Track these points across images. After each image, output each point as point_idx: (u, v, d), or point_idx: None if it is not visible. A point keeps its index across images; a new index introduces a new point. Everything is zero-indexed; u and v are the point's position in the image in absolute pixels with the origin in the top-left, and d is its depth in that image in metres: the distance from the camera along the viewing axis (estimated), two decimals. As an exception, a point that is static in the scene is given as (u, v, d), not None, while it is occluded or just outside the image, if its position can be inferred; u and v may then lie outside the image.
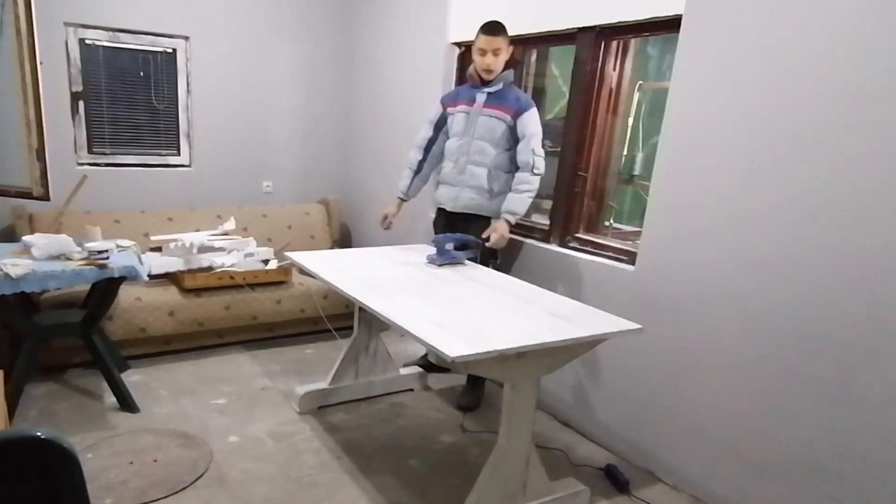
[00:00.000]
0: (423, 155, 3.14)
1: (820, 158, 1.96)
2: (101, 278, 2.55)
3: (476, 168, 2.92)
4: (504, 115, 2.84)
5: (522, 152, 2.82)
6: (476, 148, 2.91)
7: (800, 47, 1.99)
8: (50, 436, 0.90)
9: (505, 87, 2.87)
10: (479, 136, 2.90)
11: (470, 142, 2.92)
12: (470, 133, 2.92)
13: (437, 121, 3.09)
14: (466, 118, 2.93)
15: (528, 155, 2.80)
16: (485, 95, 2.89)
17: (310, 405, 2.88)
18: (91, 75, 3.70)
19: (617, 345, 2.63)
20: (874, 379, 1.87)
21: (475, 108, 2.91)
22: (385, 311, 2.00)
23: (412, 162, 3.16)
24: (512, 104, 2.83)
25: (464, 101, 2.96)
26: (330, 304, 3.74)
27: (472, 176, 2.93)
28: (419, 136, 3.15)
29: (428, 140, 3.12)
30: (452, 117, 3.01)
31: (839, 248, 1.93)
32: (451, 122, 3.02)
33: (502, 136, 2.87)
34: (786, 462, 2.11)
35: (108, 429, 2.61)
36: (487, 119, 2.87)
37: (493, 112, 2.86)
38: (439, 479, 2.43)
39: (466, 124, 2.93)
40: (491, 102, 2.87)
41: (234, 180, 4.29)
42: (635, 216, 3.13)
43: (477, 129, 2.90)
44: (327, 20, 4.39)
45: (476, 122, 2.90)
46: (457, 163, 2.98)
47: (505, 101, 2.85)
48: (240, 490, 2.27)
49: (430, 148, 3.13)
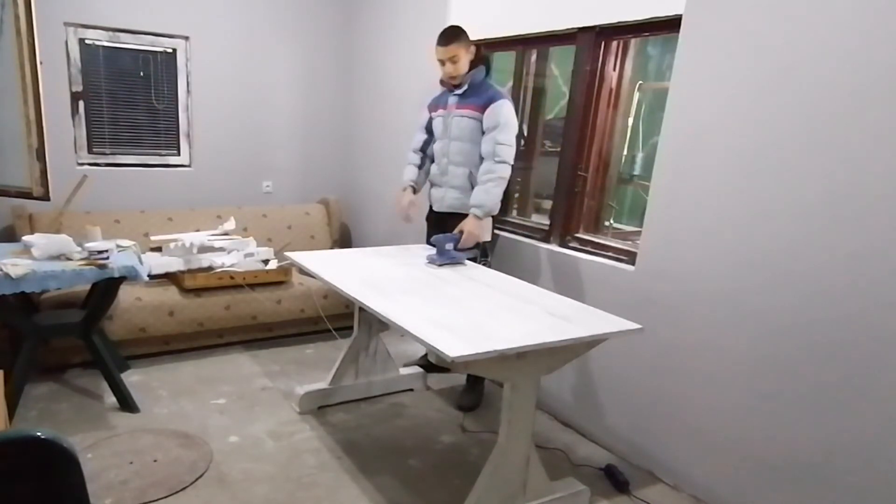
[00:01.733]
0: (420, 155, 3.22)
1: (819, 158, 1.96)
2: (101, 278, 2.56)
3: (456, 168, 2.98)
4: (475, 113, 2.89)
5: (485, 142, 2.86)
6: (454, 149, 2.97)
7: (800, 47, 1.99)
8: (50, 436, 0.90)
9: (474, 85, 2.91)
10: (456, 136, 2.96)
11: (448, 143, 3.00)
12: (447, 135, 3.00)
13: (426, 125, 3.19)
14: (443, 121, 3.02)
15: (490, 144, 2.82)
16: (456, 97, 2.96)
17: (310, 405, 2.89)
18: (91, 75, 3.70)
19: (617, 345, 2.62)
20: (874, 379, 1.87)
21: (448, 111, 2.99)
22: (385, 311, 2.00)
23: (413, 160, 3.23)
24: (481, 100, 2.88)
25: (441, 105, 3.06)
26: (330, 304, 3.74)
27: (454, 176, 3.00)
28: (414, 140, 3.25)
29: (423, 142, 3.21)
30: (434, 121, 3.12)
31: (839, 248, 1.93)
32: (433, 126, 3.13)
33: (477, 133, 2.91)
34: (786, 462, 2.11)
35: (108, 429, 2.61)
36: (460, 119, 2.93)
37: (464, 112, 2.92)
38: (439, 479, 2.43)
39: (444, 127, 3.02)
40: (462, 102, 2.93)
41: (234, 180, 4.29)
42: (635, 216, 3.13)
43: (452, 130, 2.97)
44: (327, 20, 4.39)
45: (451, 123, 2.97)
46: (440, 164, 3.07)
47: (476, 99, 2.90)
48: (240, 490, 2.27)
49: (426, 149, 3.21)
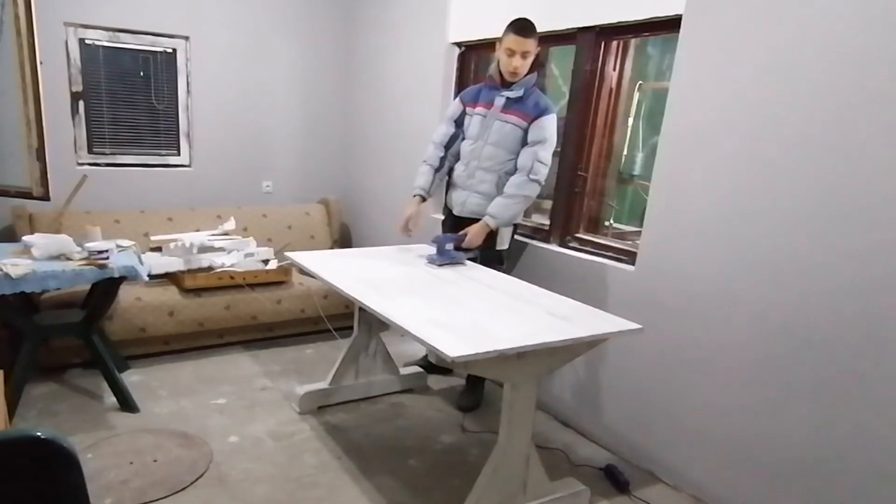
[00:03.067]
0: (443, 152, 2.98)
1: (820, 158, 1.96)
2: (101, 278, 2.56)
3: (485, 174, 2.83)
4: (521, 122, 2.73)
5: (524, 155, 2.72)
6: (487, 153, 2.81)
7: (799, 47, 1.99)
8: (50, 436, 0.90)
9: (526, 91, 2.73)
10: (493, 141, 2.78)
11: (483, 146, 2.82)
12: (483, 137, 2.81)
13: (457, 118, 2.95)
14: (482, 121, 2.82)
15: (530, 159, 2.68)
16: (503, 99, 2.76)
17: (310, 405, 2.88)
18: (91, 75, 3.70)
19: (617, 345, 2.63)
20: (874, 379, 1.87)
21: (492, 112, 2.79)
22: (385, 311, 2.00)
23: (432, 158, 2.99)
24: (531, 110, 2.71)
25: (483, 102, 2.84)
26: (330, 304, 3.74)
27: (481, 181, 2.84)
28: (439, 133, 3.00)
29: (450, 137, 2.97)
30: (470, 118, 2.90)
31: (839, 248, 1.93)
32: (468, 124, 2.91)
33: (516, 142, 2.76)
34: (786, 462, 2.11)
35: (108, 429, 2.61)
36: (503, 124, 2.76)
37: (510, 117, 2.74)
38: (439, 479, 2.43)
39: (482, 128, 2.82)
40: (509, 107, 2.75)
41: (234, 180, 4.29)
42: (635, 216, 3.13)
43: (491, 133, 2.79)
44: (327, 20, 4.39)
45: (491, 126, 2.79)
46: (468, 166, 2.89)
47: (524, 106, 2.72)
48: (240, 490, 2.27)
49: (451, 145, 2.98)
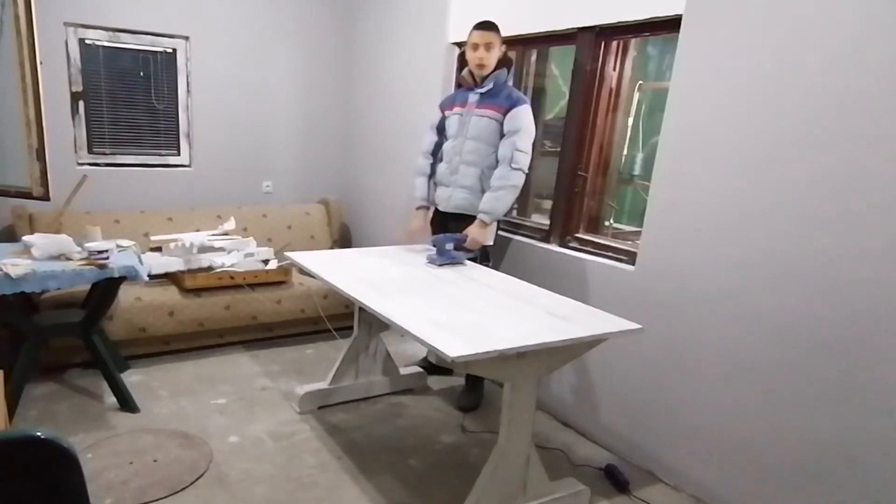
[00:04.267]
0: (432, 159, 3.14)
1: (820, 158, 1.96)
2: (101, 278, 2.55)
3: (468, 168, 2.92)
4: (495, 114, 2.83)
5: (503, 146, 2.81)
6: (468, 148, 2.91)
7: (799, 47, 1.99)
8: (50, 436, 0.90)
9: (497, 86, 2.86)
10: (472, 135, 2.90)
11: (463, 142, 2.93)
12: (463, 133, 2.93)
13: (438, 125, 3.11)
14: (460, 119, 2.95)
15: (509, 149, 2.77)
16: (477, 96, 2.90)
17: (310, 405, 2.88)
18: (91, 75, 3.70)
19: (617, 345, 2.62)
20: (874, 379, 1.87)
21: (467, 109, 2.92)
22: (385, 311, 2.00)
23: (423, 167, 3.14)
24: (503, 102, 2.82)
25: (459, 103, 2.99)
26: (330, 304, 3.74)
27: (465, 176, 2.93)
28: (425, 143, 3.16)
29: (434, 144, 3.13)
30: (448, 120, 3.04)
31: (839, 248, 1.93)
32: (448, 125, 3.05)
33: (494, 135, 2.85)
34: (786, 462, 2.11)
35: (108, 429, 2.61)
36: (479, 119, 2.87)
37: (484, 112, 2.86)
38: (439, 479, 2.43)
39: (460, 125, 2.95)
40: (483, 102, 2.87)
41: (234, 180, 4.29)
42: (635, 216, 3.13)
43: (469, 129, 2.90)
44: (327, 20, 4.39)
45: (468, 122, 2.91)
46: (450, 163, 3.00)
47: (497, 99, 2.84)
48: (240, 490, 2.27)
49: (437, 152, 3.13)
